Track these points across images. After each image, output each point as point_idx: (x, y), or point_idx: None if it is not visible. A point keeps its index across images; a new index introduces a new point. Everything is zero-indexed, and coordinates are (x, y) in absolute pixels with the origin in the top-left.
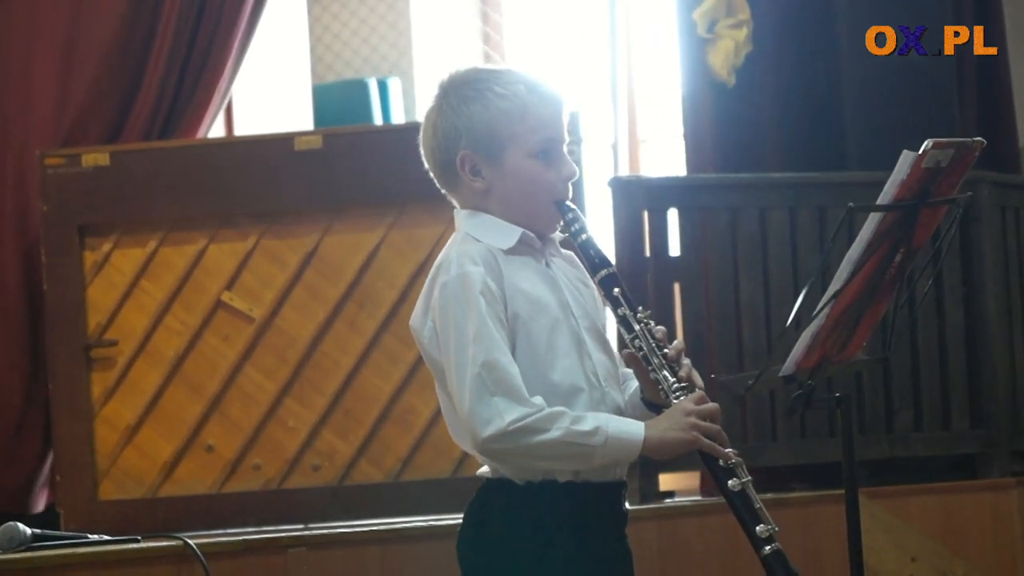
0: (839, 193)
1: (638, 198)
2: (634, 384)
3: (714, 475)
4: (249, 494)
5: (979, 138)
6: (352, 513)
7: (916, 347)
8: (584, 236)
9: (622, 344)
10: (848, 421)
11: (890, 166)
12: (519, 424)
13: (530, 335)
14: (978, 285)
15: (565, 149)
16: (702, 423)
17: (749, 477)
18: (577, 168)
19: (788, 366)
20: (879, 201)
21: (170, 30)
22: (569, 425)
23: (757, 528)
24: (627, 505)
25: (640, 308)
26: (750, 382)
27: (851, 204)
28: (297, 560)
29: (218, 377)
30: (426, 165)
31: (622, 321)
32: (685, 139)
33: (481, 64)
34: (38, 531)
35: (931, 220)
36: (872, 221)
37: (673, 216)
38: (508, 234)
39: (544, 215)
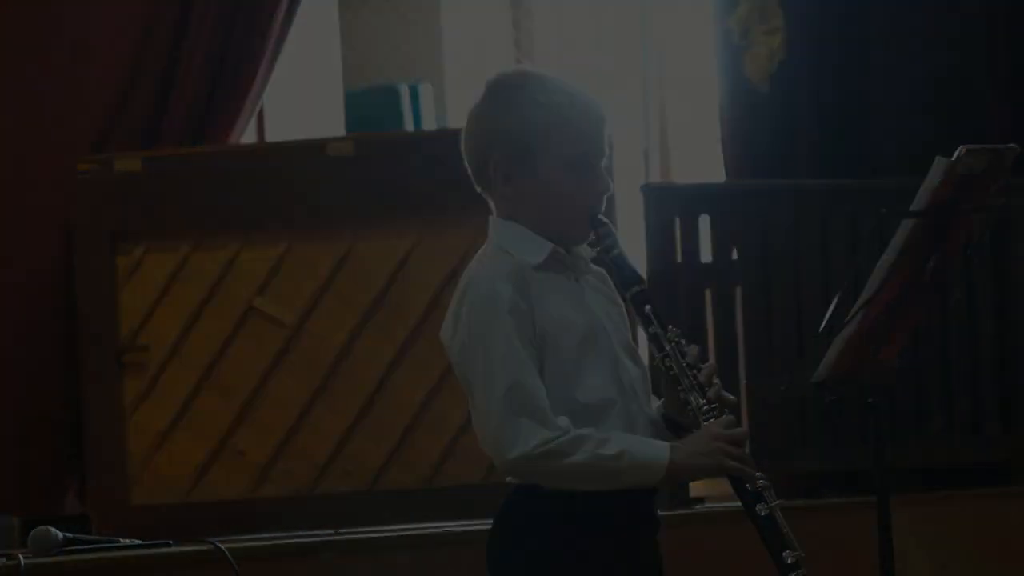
0: (872, 200)
1: (669, 205)
2: (656, 401)
3: (741, 499)
4: (280, 499)
5: (1012, 145)
6: (383, 518)
7: (948, 353)
8: (616, 251)
9: (652, 363)
10: (879, 427)
11: (922, 173)
12: (544, 448)
13: (558, 354)
14: (1011, 291)
15: (603, 164)
16: (729, 448)
17: (777, 501)
18: (611, 184)
19: (820, 372)
20: (912, 208)
21: (203, 37)
22: (594, 449)
23: (783, 554)
24: (659, 512)
25: (671, 327)
26: (782, 388)
27: (884, 210)
28: (328, 565)
29: (250, 383)
30: (465, 162)
31: (653, 339)
32: (723, 144)
33: (529, 67)
34: (70, 535)
35: (964, 227)
36: (905, 228)
37: (705, 223)
38: (538, 248)
39: (574, 227)
